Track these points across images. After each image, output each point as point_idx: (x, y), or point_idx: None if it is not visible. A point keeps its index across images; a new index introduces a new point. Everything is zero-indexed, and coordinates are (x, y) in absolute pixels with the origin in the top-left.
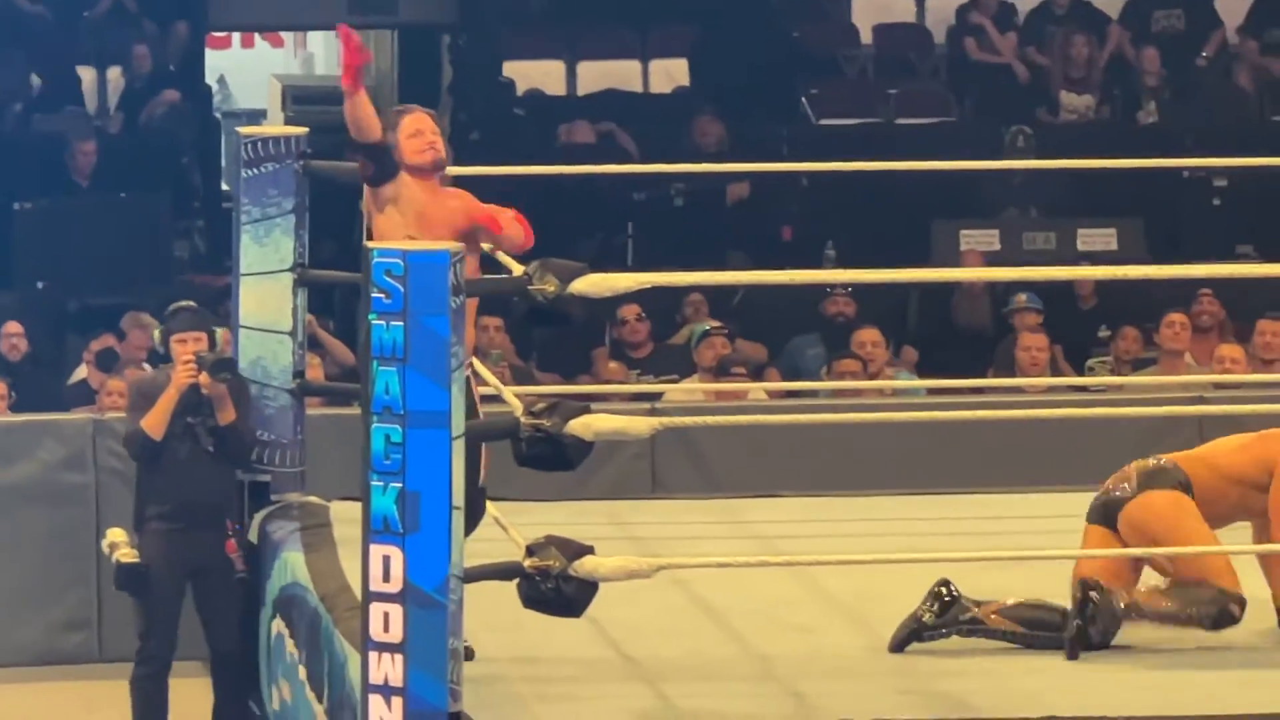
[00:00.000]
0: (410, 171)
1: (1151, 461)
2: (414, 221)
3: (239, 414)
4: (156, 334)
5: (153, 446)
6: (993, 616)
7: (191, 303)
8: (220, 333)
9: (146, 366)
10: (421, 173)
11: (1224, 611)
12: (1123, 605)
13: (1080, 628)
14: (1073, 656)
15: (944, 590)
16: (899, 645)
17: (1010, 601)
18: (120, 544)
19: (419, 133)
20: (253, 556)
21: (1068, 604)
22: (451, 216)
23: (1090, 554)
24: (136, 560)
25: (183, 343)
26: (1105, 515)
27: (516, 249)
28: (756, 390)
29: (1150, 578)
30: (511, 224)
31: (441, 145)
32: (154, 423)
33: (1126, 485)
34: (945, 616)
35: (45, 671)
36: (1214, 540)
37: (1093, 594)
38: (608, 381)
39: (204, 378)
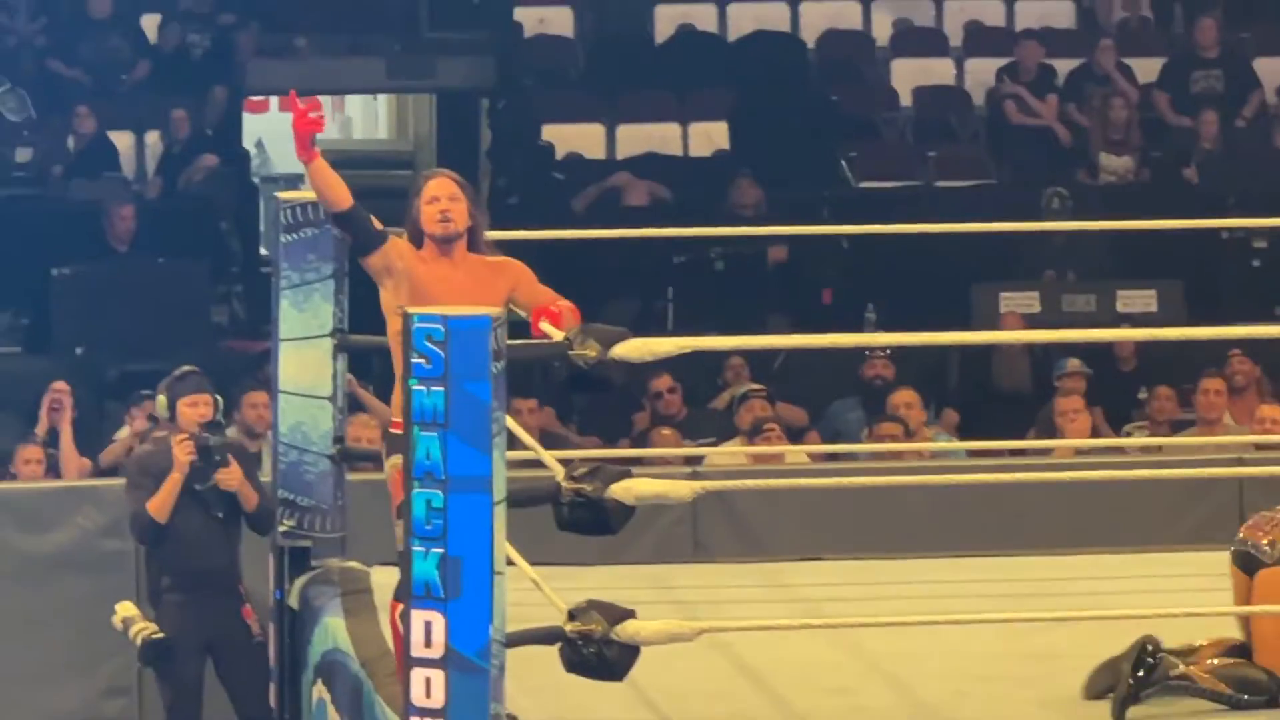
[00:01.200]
0: (430, 239)
1: None
2: (407, 295)
3: (256, 489)
4: (161, 400)
5: (158, 529)
6: (1203, 675)
7: (194, 367)
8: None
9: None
10: (437, 241)
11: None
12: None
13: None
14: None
15: (1149, 649)
16: (1118, 713)
17: (1216, 661)
18: (134, 619)
19: (434, 199)
20: (293, 622)
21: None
22: (480, 287)
23: (1121, 615)
24: (160, 635)
25: (193, 406)
26: (1246, 565)
27: None
28: (798, 454)
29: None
30: (570, 316)
31: (459, 212)
32: (159, 506)
33: (1271, 546)
34: (1153, 675)
35: None
36: None
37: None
38: (652, 445)
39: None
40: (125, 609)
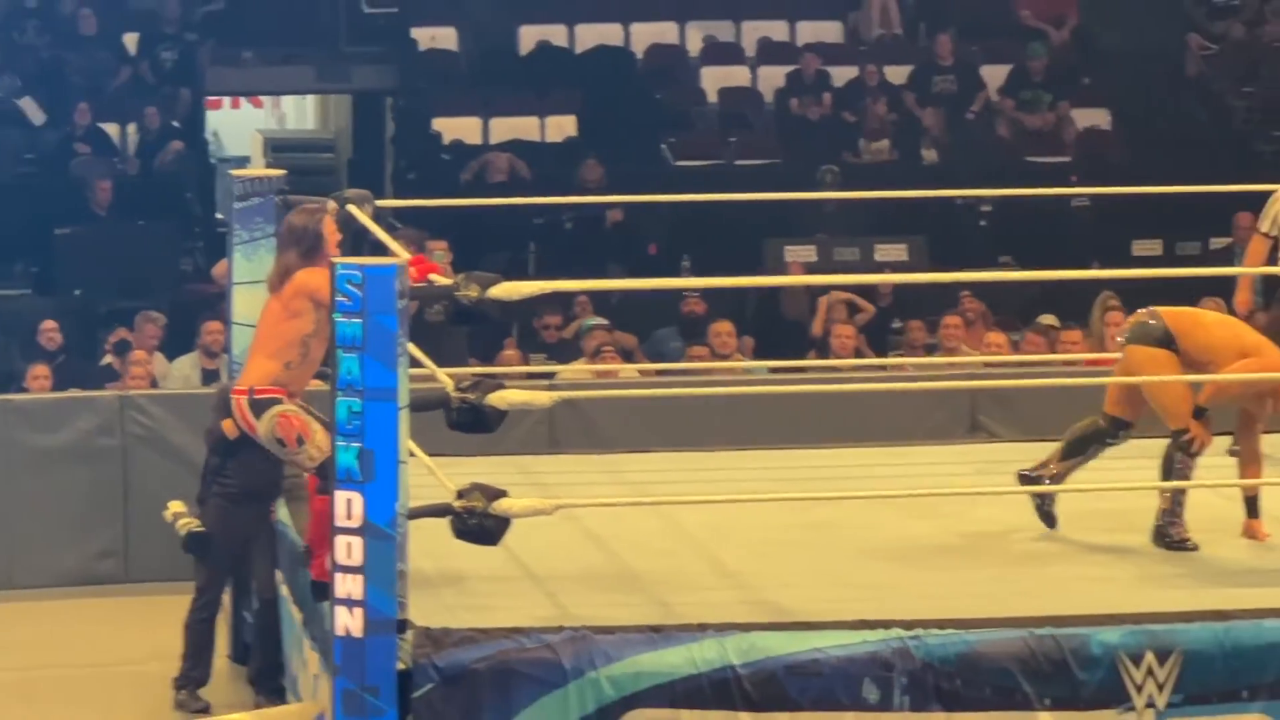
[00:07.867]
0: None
1: None
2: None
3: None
4: None
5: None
6: None
7: None
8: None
9: (159, 355)
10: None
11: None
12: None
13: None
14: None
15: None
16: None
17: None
18: (180, 514)
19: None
20: None
21: None
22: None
23: (878, 495)
24: (201, 529)
25: None
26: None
27: None
28: (632, 371)
29: None
30: None
31: None
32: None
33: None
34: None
35: (82, 590)
36: None
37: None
38: (501, 363)
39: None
40: (175, 505)
